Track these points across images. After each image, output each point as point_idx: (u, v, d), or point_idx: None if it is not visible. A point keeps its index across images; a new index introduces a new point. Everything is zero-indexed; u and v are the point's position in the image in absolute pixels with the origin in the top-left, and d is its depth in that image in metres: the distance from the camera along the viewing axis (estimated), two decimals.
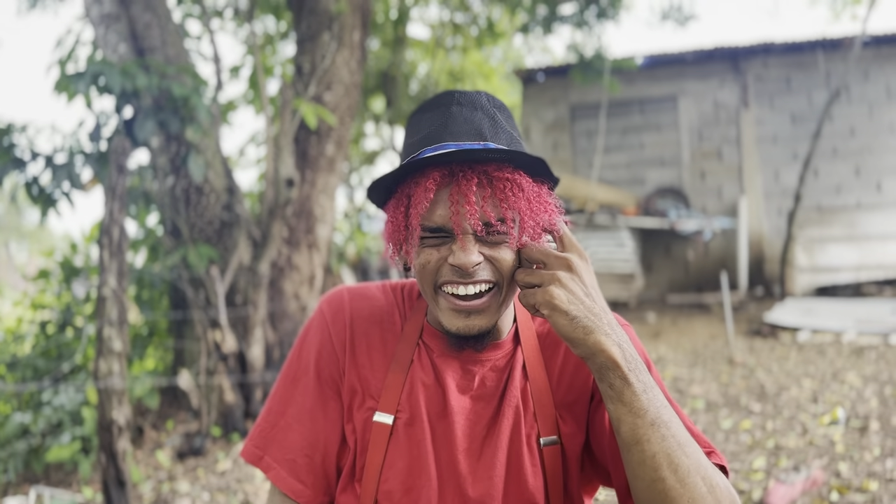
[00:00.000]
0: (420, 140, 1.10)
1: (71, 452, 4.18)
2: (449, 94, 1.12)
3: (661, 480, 0.91)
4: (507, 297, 1.10)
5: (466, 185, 1.02)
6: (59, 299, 5.76)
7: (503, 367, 1.17)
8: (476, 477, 1.10)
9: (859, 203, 10.40)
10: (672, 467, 0.91)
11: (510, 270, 1.07)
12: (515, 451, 1.11)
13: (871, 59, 10.28)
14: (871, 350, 6.43)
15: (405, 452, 1.12)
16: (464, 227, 1.03)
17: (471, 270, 1.04)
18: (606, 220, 9.92)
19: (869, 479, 3.59)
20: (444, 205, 1.04)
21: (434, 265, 1.07)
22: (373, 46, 10.57)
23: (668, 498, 0.91)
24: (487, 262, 1.06)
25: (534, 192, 1.08)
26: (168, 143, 5.31)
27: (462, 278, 1.05)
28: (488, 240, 1.05)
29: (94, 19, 5.32)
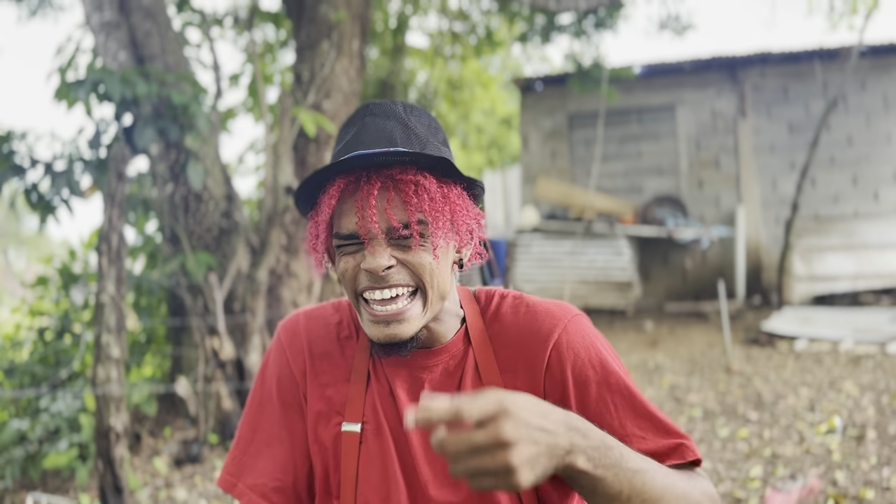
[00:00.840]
0: (336, 153, 1.11)
1: (68, 459, 4.17)
2: (364, 107, 1.13)
3: None
4: (433, 301, 1.09)
5: (368, 190, 1.02)
6: (57, 306, 5.76)
7: (453, 371, 1.16)
8: (439, 483, 1.11)
9: (857, 212, 10.42)
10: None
11: (430, 272, 1.06)
12: None
13: (869, 68, 10.32)
14: (868, 359, 6.44)
15: (377, 462, 1.13)
16: (369, 231, 1.03)
17: (382, 274, 1.04)
18: (604, 229, 9.94)
19: (865, 488, 3.59)
20: (350, 210, 1.05)
21: (352, 272, 1.07)
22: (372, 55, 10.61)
23: None
24: (402, 266, 1.06)
25: (439, 194, 1.06)
26: (167, 150, 5.33)
27: (377, 283, 1.05)
28: (399, 243, 1.05)
29: (95, 27, 5.35)
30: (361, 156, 1.01)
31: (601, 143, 10.73)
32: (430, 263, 1.06)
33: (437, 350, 1.16)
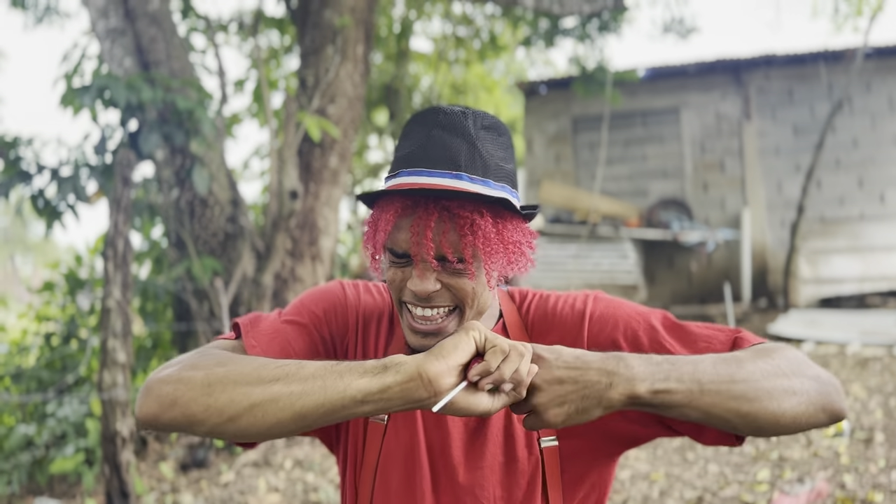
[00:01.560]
0: (400, 159, 1.12)
1: (75, 464, 4.18)
2: (434, 114, 1.11)
3: (747, 414, 0.97)
4: (469, 318, 1.12)
5: (426, 219, 1.05)
6: (63, 311, 5.78)
7: None
8: (467, 467, 1.12)
9: (863, 214, 10.39)
10: (743, 400, 0.97)
11: (471, 296, 1.10)
12: (509, 445, 1.12)
13: (874, 70, 10.30)
14: (875, 361, 6.42)
15: (402, 451, 1.14)
16: (421, 256, 1.07)
17: (426, 297, 1.09)
18: (609, 232, 9.92)
19: (874, 491, 3.58)
20: (406, 232, 1.08)
21: (398, 284, 1.12)
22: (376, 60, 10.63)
23: (759, 416, 0.98)
24: (446, 290, 1.09)
25: (494, 232, 1.08)
26: (173, 155, 5.34)
27: (420, 302, 1.10)
28: (448, 270, 1.08)
29: (100, 34, 5.37)
30: (423, 188, 1.05)
31: (605, 147, 10.72)
32: (474, 290, 1.10)
33: None
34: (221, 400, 0.96)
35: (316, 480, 4.44)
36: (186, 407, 0.97)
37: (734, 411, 0.97)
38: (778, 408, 0.98)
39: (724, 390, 0.97)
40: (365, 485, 1.15)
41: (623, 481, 4.12)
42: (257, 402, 0.94)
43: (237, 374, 0.97)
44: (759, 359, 1.01)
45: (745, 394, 0.97)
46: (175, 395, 0.98)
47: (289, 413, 0.94)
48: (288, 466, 4.69)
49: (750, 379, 0.98)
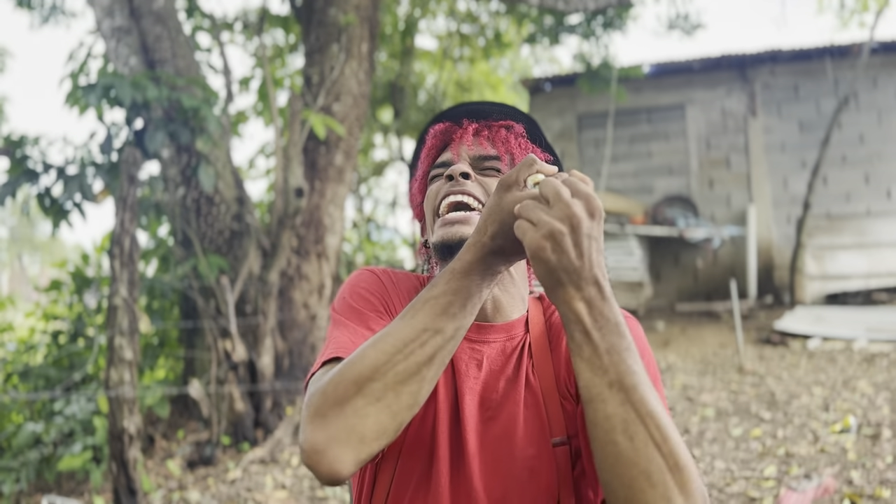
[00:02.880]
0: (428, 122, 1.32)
1: (82, 461, 4.20)
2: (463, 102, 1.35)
3: (613, 444, 0.86)
4: None
5: (468, 126, 1.25)
6: (71, 310, 5.80)
7: (510, 353, 1.18)
8: (484, 459, 1.11)
9: (869, 210, 10.36)
10: (627, 434, 0.86)
11: None
12: (524, 441, 1.12)
13: (880, 66, 10.26)
14: (882, 357, 6.40)
15: (425, 429, 1.13)
16: (461, 154, 1.23)
17: (459, 179, 1.18)
18: (615, 229, 9.91)
19: (881, 487, 3.57)
20: (448, 141, 1.26)
21: (434, 191, 1.22)
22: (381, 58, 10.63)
23: (619, 463, 0.86)
24: (478, 184, 1.20)
25: (524, 142, 1.26)
26: (178, 154, 5.36)
27: (454, 188, 1.18)
28: (483, 171, 1.22)
29: (106, 33, 5.38)
30: (469, 104, 1.27)
31: (611, 144, 10.71)
32: None
33: (499, 327, 1.20)
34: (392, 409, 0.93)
35: None
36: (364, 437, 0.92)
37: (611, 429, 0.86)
38: (645, 470, 0.85)
39: (625, 410, 0.86)
40: (385, 474, 1.14)
41: None
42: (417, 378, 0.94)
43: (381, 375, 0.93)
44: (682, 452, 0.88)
45: (635, 435, 0.86)
46: (350, 435, 0.91)
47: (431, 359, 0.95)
48: (295, 463, 4.70)
49: (656, 438, 0.86)
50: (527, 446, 1.11)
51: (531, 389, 1.15)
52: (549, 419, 1.12)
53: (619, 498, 0.87)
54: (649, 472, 0.85)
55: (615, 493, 0.87)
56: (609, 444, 0.87)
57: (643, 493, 0.85)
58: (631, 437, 0.86)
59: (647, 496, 0.85)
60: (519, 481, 1.10)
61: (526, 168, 0.95)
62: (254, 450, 4.85)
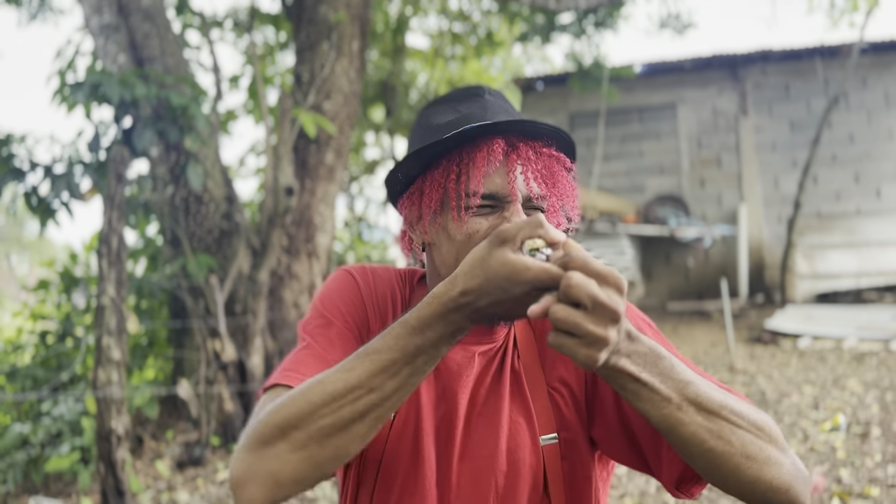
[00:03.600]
0: (458, 119, 1.11)
1: (70, 463, 4.17)
2: (479, 87, 1.16)
3: (711, 451, 0.90)
4: None
5: (525, 154, 1.07)
6: (58, 309, 5.76)
7: (498, 349, 1.16)
8: (472, 462, 1.09)
9: (859, 210, 10.40)
10: (716, 436, 0.90)
11: None
12: (512, 439, 1.10)
13: (870, 66, 10.30)
14: (871, 356, 6.42)
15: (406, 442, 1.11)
16: (518, 194, 1.06)
17: None
18: (606, 228, 9.92)
19: (870, 485, 3.58)
20: (501, 172, 1.06)
21: (483, 234, 1.05)
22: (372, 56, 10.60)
23: (721, 461, 0.90)
24: None
25: (572, 183, 1.15)
26: (167, 152, 5.32)
27: None
28: (528, 211, 1.08)
29: (94, 30, 5.35)
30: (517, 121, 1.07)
31: (602, 143, 10.71)
32: None
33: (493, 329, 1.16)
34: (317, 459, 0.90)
35: None
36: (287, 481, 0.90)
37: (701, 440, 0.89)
38: (756, 468, 0.91)
39: (703, 418, 0.89)
40: (368, 479, 1.12)
41: (620, 476, 4.11)
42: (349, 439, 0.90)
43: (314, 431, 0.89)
44: (752, 414, 0.95)
45: (721, 432, 0.89)
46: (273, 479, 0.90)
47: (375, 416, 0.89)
48: None
49: (734, 421, 0.91)
50: (514, 443, 1.10)
51: (519, 385, 1.13)
52: (536, 415, 1.11)
53: (731, 485, 0.93)
54: (748, 453, 0.91)
55: (727, 483, 0.93)
56: (706, 452, 0.90)
57: (750, 470, 0.91)
58: (720, 436, 0.90)
59: (754, 471, 0.91)
60: (507, 479, 1.09)
61: (529, 229, 0.83)
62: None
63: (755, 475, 0.91)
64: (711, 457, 0.90)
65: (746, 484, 0.92)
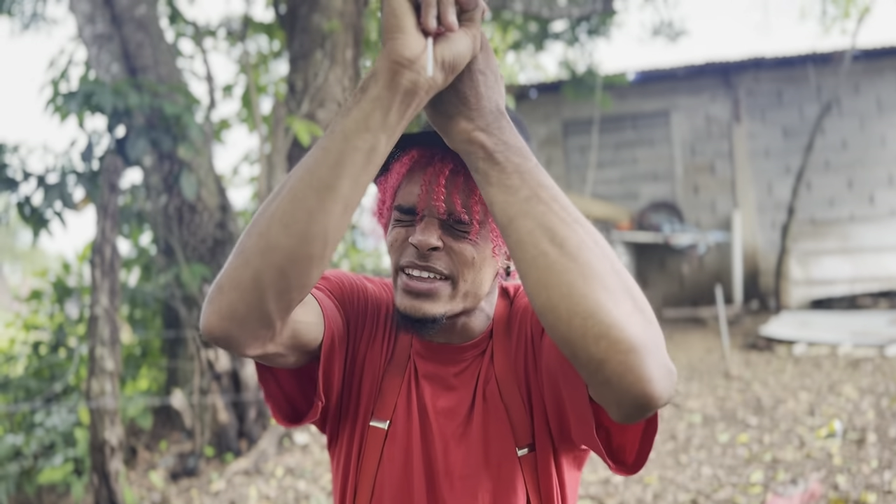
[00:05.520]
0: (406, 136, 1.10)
1: (63, 474, 4.13)
2: None
3: (544, 255, 0.80)
4: (461, 293, 1.07)
5: (440, 168, 1.04)
6: (52, 320, 5.73)
7: (475, 368, 1.16)
8: (452, 476, 1.10)
9: (853, 216, 10.43)
10: (556, 240, 0.80)
11: (469, 266, 1.05)
12: (491, 454, 1.10)
13: (862, 72, 10.35)
14: (867, 362, 6.43)
15: (399, 458, 1.12)
16: (429, 208, 1.04)
17: (426, 252, 1.03)
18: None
19: (867, 492, 3.57)
20: (417, 184, 1.05)
21: (399, 245, 1.07)
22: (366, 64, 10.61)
23: (553, 272, 0.79)
24: (446, 253, 1.04)
25: None
26: (160, 161, 5.31)
27: (418, 261, 1.04)
28: (452, 231, 1.04)
29: (87, 39, 5.34)
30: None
31: (596, 150, 10.73)
32: (474, 259, 1.05)
33: (466, 346, 1.16)
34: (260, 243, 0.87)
35: (308, 488, 4.40)
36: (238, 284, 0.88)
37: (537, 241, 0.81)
38: (581, 273, 0.79)
39: (548, 218, 0.82)
40: (363, 492, 1.13)
41: (616, 485, 4.10)
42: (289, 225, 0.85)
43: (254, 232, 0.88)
44: (614, 256, 0.85)
45: (565, 240, 0.81)
46: (221, 287, 0.89)
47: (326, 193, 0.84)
48: (279, 474, 4.65)
49: (588, 241, 0.83)
50: (494, 458, 1.10)
51: (495, 401, 1.13)
52: (513, 428, 1.11)
53: (560, 316, 0.78)
54: (590, 275, 0.79)
55: (556, 313, 0.79)
56: (538, 256, 0.81)
57: (587, 300, 0.77)
58: (561, 244, 0.80)
59: (591, 302, 0.77)
60: (493, 495, 1.09)
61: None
62: (238, 460, 4.80)
63: (591, 308, 0.77)
64: (542, 266, 0.80)
65: (577, 318, 0.77)
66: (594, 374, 0.78)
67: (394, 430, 1.13)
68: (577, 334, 0.77)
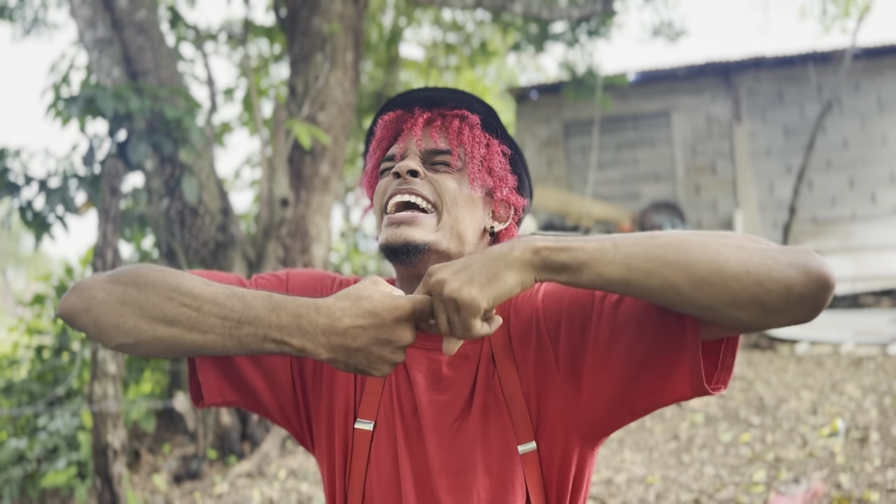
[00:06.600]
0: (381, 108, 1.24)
1: (67, 478, 4.14)
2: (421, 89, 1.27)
3: (674, 288, 0.86)
4: (447, 226, 1.12)
5: (418, 116, 1.17)
6: (54, 324, 5.74)
7: (471, 356, 1.13)
8: (447, 471, 1.08)
9: (854, 214, 10.42)
10: (668, 252, 0.86)
11: (451, 198, 1.12)
12: (490, 450, 1.08)
13: (862, 71, 10.34)
14: (869, 361, 6.42)
15: (387, 456, 1.11)
16: (410, 147, 1.15)
17: (406, 177, 1.11)
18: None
19: (870, 490, 3.57)
20: (400, 134, 1.19)
21: (382, 188, 1.16)
22: (366, 67, 10.63)
23: (696, 270, 0.85)
24: (428, 182, 1.13)
25: (481, 136, 1.18)
26: (162, 165, 5.32)
27: (401, 186, 1.12)
28: (434, 166, 1.14)
29: (88, 44, 5.35)
30: (420, 90, 1.20)
31: (597, 151, 10.74)
32: (454, 190, 1.13)
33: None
34: (129, 324, 0.97)
35: (310, 490, 4.41)
36: (98, 318, 0.99)
37: (660, 260, 0.85)
38: (719, 256, 0.85)
39: (644, 243, 0.88)
40: (354, 495, 1.11)
41: (619, 485, 4.10)
42: (161, 338, 0.96)
43: (146, 302, 0.97)
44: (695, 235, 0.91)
45: (671, 244, 0.86)
46: (92, 303, 1.00)
47: (194, 353, 0.98)
48: (282, 476, 4.65)
49: (675, 235, 0.89)
50: (493, 454, 1.08)
51: (495, 395, 1.10)
52: (514, 425, 1.08)
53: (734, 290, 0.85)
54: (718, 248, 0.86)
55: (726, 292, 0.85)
56: (669, 289, 0.86)
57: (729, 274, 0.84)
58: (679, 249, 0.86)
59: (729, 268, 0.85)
60: (490, 492, 1.07)
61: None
62: (241, 463, 4.81)
63: (742, 263, 0.84)
64: (682, 267, 0.85)
65: (742, 276, 0.84)
66: (785, 302, 0.84)
67: (379, 430, 1.12)
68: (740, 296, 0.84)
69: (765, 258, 0.85)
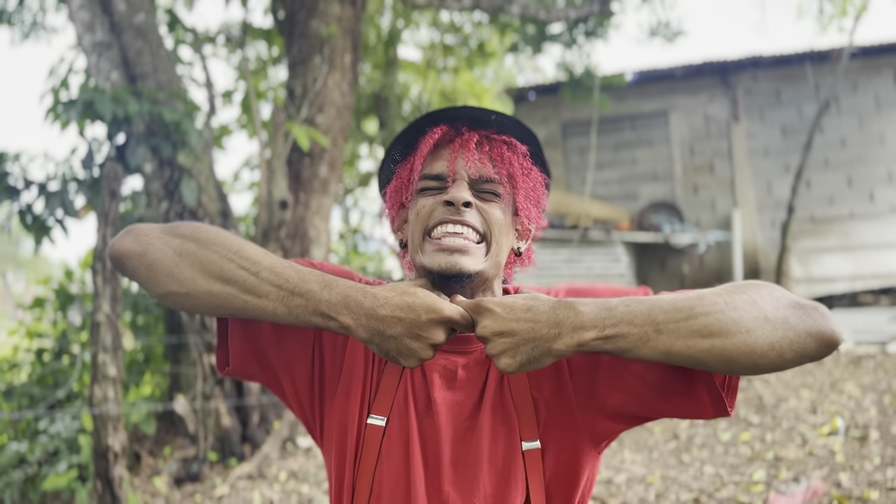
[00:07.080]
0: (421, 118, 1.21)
1: (67, 481, 4.15)
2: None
3: (707, 351, 0.93)
4: (493, 252, 1.14)
5: (468, 138, 1.15)
6: (55, 327, 5.74)
7: (484, 360, 1.16)
8: (456, 466, 1.11)
9: (852, 213, 10.43)
10: (705, 340, 0.93)
11: (499, 229, 1.13)
12: (495, 447, 1.11)
13: (860, 70, 10.36)
14: (868, 359, 6.43)
15: (398, 453, 1.13)
16: (460, 171, 1.13)
17: (461, 208, 1.10)
18: (601, 236, 9.94)
19: (870, 489, 3.58)
20: (446, 155, 1.15)
21: (428, 209, 1.14)
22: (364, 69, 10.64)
23: (729, 353, 0.93)
24: (478, 213, 1.13)
25: (527, 163, 1.19)
26: (161, 168, 5.32)
27: (452, 216, 1.11)
28: (481, 194, 1.14)
29: (87, 48, 5.36)
30: (468, 109, 1.18)
31: (595, 151, 10.75)
32: (501, 220, 1.14)
33: (473, 336, 1.16)
34: (185, 275, 1.01)
35: (311, 492, 4.41)
36: (153, 263, 1.02)
37: (697, 347, 0.93)
38: (749, 337, 0.92)
39: (683, 327, 0.93)
40: (362, 489, 1.13)
41: (619, 484, 4.11)
42: (215, 293, 1.01)
43: (206, 258, 1.01)
44: (726, 293, 0.98)
45: (708, 327, 0.93)
46: (148, 248, 1.03)
47: (242, 314, 1.03)
48: (283, 478, 4.66)
49: (712, 311, 0.94)
50: (498, 451, 1.11)
51: (503, 395, 1.14)
52: (520, 423, 1.12)
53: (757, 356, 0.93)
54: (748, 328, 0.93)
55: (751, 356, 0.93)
56: (702, 353, 0.94)
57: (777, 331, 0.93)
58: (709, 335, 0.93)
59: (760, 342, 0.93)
60: (494, 487, 1.10)
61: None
62: (241, 465, 4.81)
63: (769, 342, 0.93)
64: (717, 352, 0.93)
65: (768, 353, 0.93)
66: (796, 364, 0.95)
67: (392, 425, 1.14)
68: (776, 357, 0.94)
69: (786, 331, 0.93)
